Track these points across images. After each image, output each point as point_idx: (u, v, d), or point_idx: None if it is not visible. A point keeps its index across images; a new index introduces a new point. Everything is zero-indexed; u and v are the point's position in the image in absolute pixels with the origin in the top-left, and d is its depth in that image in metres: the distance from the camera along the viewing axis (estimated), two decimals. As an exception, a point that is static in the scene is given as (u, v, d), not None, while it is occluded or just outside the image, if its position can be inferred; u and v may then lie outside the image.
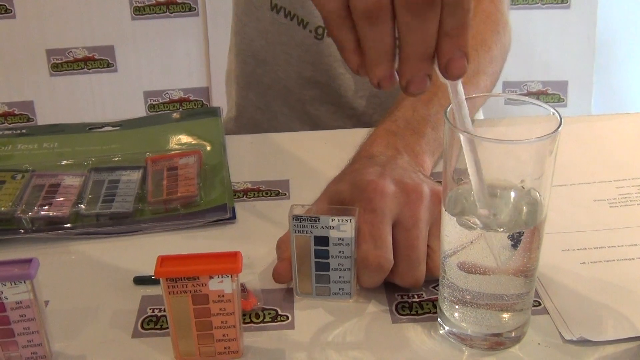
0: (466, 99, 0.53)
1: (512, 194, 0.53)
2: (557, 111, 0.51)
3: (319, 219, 0.57)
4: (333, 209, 0.60)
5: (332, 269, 0.59)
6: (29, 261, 0.53)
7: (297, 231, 0.58)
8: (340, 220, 0.57)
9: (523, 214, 0.53)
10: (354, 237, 0.57)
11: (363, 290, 0.62)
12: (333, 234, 0.57)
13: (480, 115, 1.05)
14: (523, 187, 0.53)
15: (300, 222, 0.57)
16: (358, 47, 0.49)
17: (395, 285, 0.61)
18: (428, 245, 0.60)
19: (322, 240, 0.58)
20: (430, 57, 0.48)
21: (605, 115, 0.91)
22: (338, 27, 0.49)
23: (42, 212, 0.72)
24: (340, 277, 0.59)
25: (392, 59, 0.48)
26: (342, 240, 0.58)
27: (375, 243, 0.58)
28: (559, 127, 0.49)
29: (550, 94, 2.03)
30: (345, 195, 0.62)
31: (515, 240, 0.52)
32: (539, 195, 0.52)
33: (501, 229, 0.52)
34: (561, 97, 2.03)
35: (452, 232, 0.54)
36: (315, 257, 0.59)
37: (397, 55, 0.48)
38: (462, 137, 0.50)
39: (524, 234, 0.52)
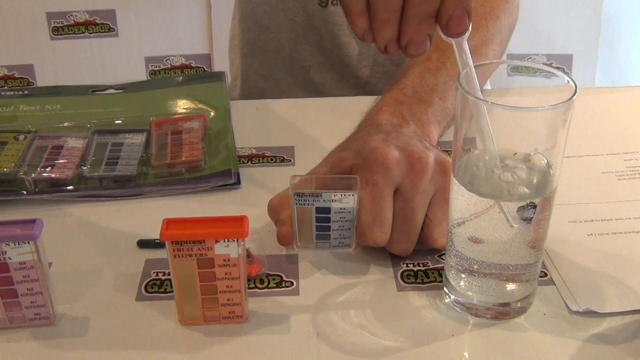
0: (478, 65, 0.53)
1: (523, 165, 0.53)
2: (572, 79, 0.50)
3: (321, 195, 0.56)
4: (334, 178, 0.59)
5: (332, 230, 0.59)
6: (32, 222, 0.52)
7: (298, 203, 0.57)
8: (343, 195, 0.56)
9: (533, 185, 0.52)
10: (356, 206, 0.57)
11: (368, 258, 0.62)
12: (335, 205, 0.57)
13: (487, 86, 1.04)
14: (529, 159, 0.52)
15: (302, 197, 0.57)
16: (365, 10, 0.49)
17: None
18: (427, 216, 0.60)
19: (324, 210, 0.57)
20: (433, 15, 0.49)
21: (614, 88, 0.90)
22: None
23: (45, 174, 0.71)
24: (340, 234, 0.59)
25: (399, 19, 0.49)
26: (344, 209, 0.57)
27: (375, 219, 0.58)
28: (574, 95, 0.48)
29: (555, 68, 2.02)
30: (348, 163, 0.61)
31: (524, 211, 0.52)
32: (551, 166, 0.51)
33: (512, 200, 0.52)
34: (565, 70, 2.02)
35: (461, 201, 0.53)
36: (317, 222, 0.58)
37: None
38: (471, 101, 0.49)
39: (534, 205, 0.51)
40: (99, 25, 1.98)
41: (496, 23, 0.83)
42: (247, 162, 0.76)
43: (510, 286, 0.55)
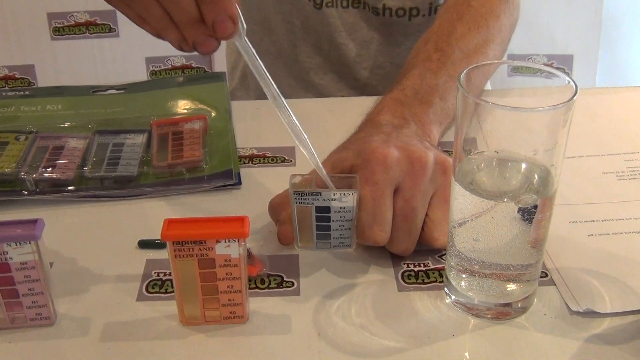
0: (479, 65, 0.53)
1: (524, 165, 0.53)
2: (572, 80, 0.50)
3: (320, 194, 0.56)
4: (333, 177, 0.59)
5: (333, 230, 0.59)
6: (34, 222, 0.53)
7: (298, 202, 0.57)
8: (343, 194, 0.56)
9: (534, 186, 0.53)
10: (356, 205, 0.57)
11: (369, 258, 0.62)
12: (335, 204, 0.57)
13: (487, 86, 1.04)
14: (530, 160, 0.52)
15: (301, 196, 0.57)
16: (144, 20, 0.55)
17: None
18: (428, 216, 0.60)
19: (324, 209, 0.57)
20: (197, 22, 0.53)
21: (614, 88, 0.90)
22: (119, 8, 0.55)
23: (46, 174, 0.71)
24: (341, 234, 0.59)
25: (171, 25, 0.54)
26: (344, 208, 0.57)
27: (375, 218, 0.58)
28: (574, 96, 0.48)
29: (555, 68, 2.02)
30: (348, 163, 0.61)
31: (525, 212, 0.52)
32: (552, 166, 0.51)
33: (513, 201, 0.52)
34: (566, 71, 2.02)
35: (461, 201, 0.53)
36: (317, 221, 0.58)
37: None
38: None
39: (535, 205, 0.52)
40: (99, 25, 1.98)
41: (497, 23, 0.83)
42: (248, 163, 0.76)
43: (511, 286, 0.55)
